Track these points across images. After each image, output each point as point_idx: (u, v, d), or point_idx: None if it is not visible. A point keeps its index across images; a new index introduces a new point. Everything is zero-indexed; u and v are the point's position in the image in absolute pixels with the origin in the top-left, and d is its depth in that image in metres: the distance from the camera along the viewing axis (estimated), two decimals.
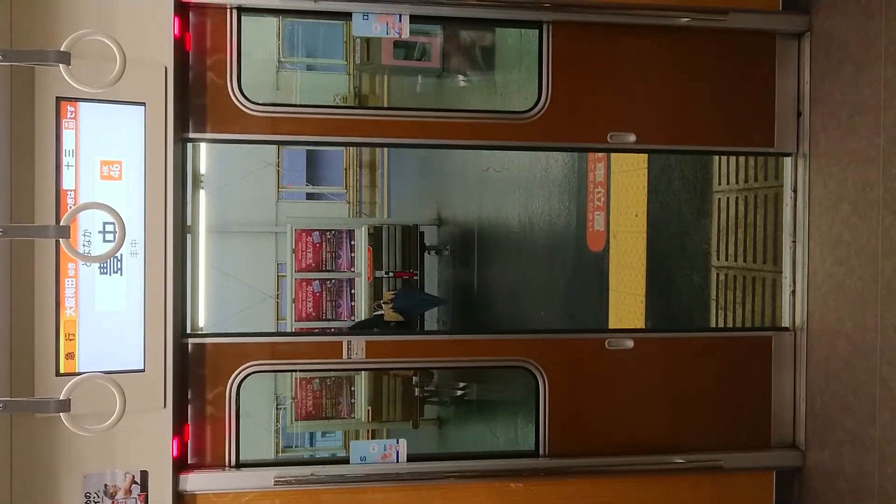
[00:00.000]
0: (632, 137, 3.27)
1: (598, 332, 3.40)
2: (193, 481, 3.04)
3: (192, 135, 3.07)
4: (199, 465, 3.12)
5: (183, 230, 3.11)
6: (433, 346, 3.30)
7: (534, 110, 3.26)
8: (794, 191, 3.43)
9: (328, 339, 3.23)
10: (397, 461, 3.20)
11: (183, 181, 3.10)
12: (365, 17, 3.14)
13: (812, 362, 3.33)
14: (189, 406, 3.12)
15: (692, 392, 3.38)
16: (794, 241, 3.43)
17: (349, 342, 3.17)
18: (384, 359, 3.25)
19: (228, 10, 3.10)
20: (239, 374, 3.13)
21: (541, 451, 3.28)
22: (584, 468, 3.24)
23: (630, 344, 3.34)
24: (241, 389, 3.13)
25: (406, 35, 3.18)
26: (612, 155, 5.46)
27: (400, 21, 3.14)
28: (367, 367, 3.41)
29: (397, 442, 3.23)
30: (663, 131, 3.33)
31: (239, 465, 3.12)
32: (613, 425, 3.34)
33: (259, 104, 3.11)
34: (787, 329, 3.42)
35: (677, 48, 3.35)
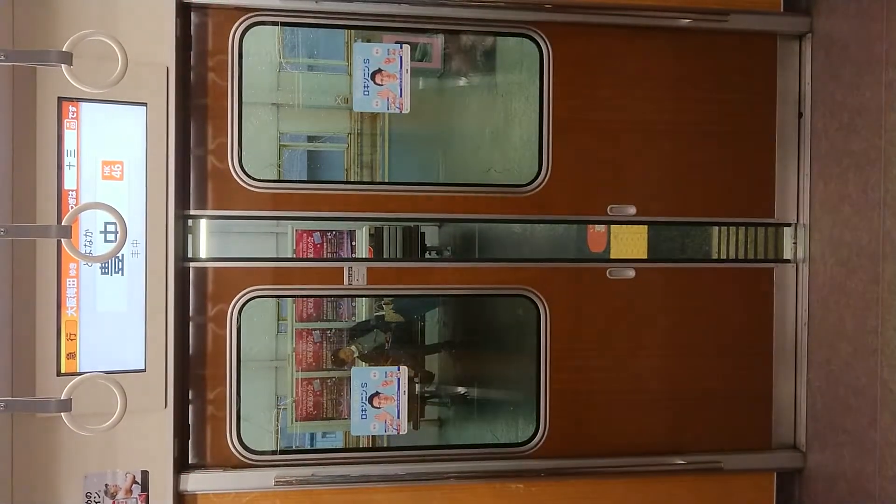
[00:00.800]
0: (632, 210, 3.33)
1: (600, 261, 3.38)
2: (194, 481, 3.04)
3: (192, 212, 3.10)
4: (200, 466, 3.13)
5: (184, 231, 3.11)
6: (434, 273, 3.31)
7: (534, 183, 3.29)
8: (797, 192, 3.43)
9: (329, 264, 3.24)
10: (398, 389, 3.25)
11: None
12: (366, 93, 3.22)
13: (813, 364, 3.33)
14: (189, 390, 3.13)
15: (692, 323, 3.40)
16: (795, 243, 3.43)
17: (350, 268, 3.19)
18: (385, 285, 3.27)
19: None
20: (240, 298, 3.15)
21: (542, 386, 3.29)
22: (584, 469, 3.25)
23: (631, 273, 3.35)
24: (241, 315, 3.15)
25: (406, 110, 3.25)
26: None
27: (401, 86, 3.22)
28: (369, 293, 3.43)
29: (398, 369, 3.27)
30: (664, 194, 3.37)
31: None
32: (614, 355, 3.36)
33: (260, 181, 3.16)
34: (788, 261, 3.44)
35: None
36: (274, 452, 3.22)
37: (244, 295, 3.15)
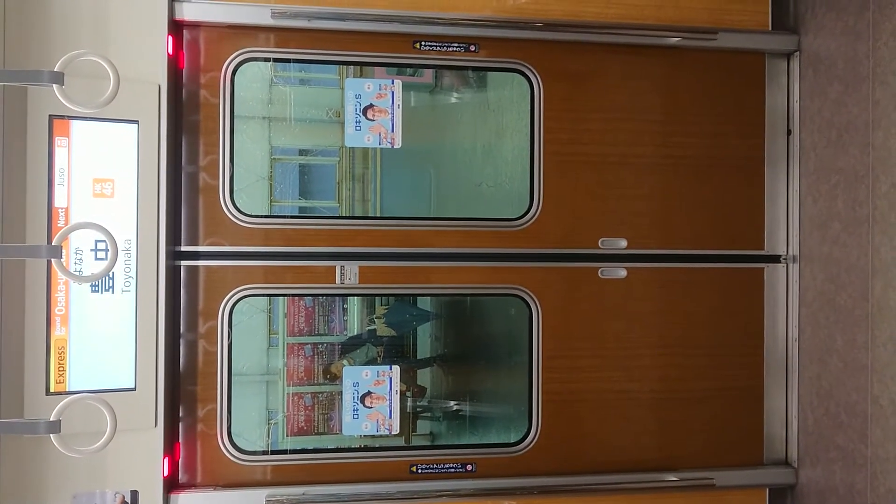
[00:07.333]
0: (623, 243, 3.36)
1: (592, 260, 3.39)
2: (184, 501, 3.02)
3: (184, 248, 3.11)
4: (190, 485, 3.11)
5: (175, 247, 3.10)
6: (426, 272, 3.30)
7: (525, 217, 3.31)
8: (787, 209, 3.46)
9: (321, 263, 3.23)
10: (390, 388, 3.26)
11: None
12: (357, 128, 3.24)
13: (804, 379, 3.35)
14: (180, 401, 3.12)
15: (684, 320, 3.42)
16: (786, 259, 3.45)
17: (342, 267, 3.19)
18: (378, 284, 3.27)
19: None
20: (231, 297, 3.14)
21: (533, 386, 3.32)
22: (576, 487, 3.24)
23: (623, 273, 3.36)
24: (233, 314, 3.15)
25: (398, 145, 3.29)
26: None
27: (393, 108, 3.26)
28: (361, 292, 3.48)
29: (390, 368, 3.28)
30: (654, 225, 3.41)
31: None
32: (606, 354, 3.38)
33: (251, 216, 3.17)
34: (782, 258, 3.47)
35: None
36: (265, 452, 3.25)
37: (235, 294, 3.15)
